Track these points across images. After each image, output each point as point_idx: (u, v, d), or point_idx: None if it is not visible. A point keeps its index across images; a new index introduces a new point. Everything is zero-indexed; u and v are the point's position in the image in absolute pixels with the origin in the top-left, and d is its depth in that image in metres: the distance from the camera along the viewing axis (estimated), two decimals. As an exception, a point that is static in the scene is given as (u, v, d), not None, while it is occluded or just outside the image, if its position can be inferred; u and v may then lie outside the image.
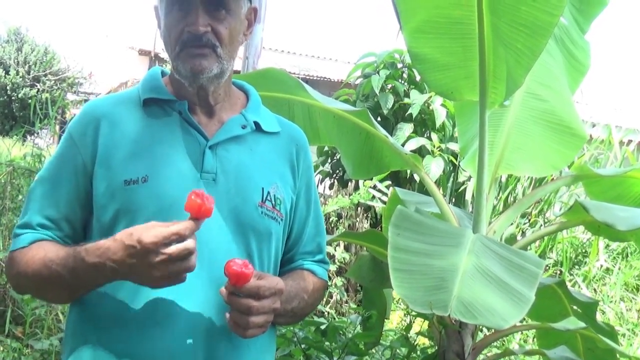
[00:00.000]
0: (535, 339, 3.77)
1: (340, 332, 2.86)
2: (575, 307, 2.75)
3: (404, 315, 4.72)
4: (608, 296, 5.65)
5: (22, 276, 1.57)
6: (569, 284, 5.60)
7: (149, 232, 1.37)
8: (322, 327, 2.74)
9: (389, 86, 5.94)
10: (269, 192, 1.64)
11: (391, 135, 5.57)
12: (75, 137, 1.63)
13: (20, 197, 4.71)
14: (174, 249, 1.35)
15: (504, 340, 4.78)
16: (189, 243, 1.36)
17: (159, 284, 1.40)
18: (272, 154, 1.72)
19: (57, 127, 8.36)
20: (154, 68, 1.77)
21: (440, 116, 5.59)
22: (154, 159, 1.58)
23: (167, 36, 1.61)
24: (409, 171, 5.24)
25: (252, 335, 1.50)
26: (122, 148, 1.59)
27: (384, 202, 5.04)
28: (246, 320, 1.46)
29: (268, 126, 1.73)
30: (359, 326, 3.03)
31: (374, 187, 5.35)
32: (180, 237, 1.36)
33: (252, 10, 1.70)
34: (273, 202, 1.65)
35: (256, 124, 1.70)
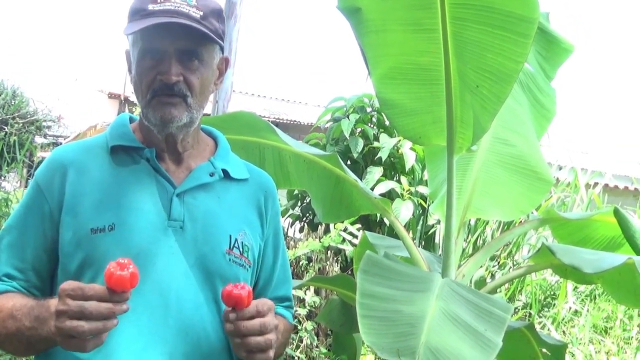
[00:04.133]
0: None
1: (310, 377, 2.84)
2: (544, 350, 2.76)
3: (376, 358, 4.69)
4: (577, 338, 5.67)
5: None
6: (538, 327, 5.64)
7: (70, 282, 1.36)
8: (292, 373, 2.71)
9: (359, 130, 5.97)
10: (236, 239, 1.64)
11: (361, 179, 5.61)
12: (42, 184, 1.62)
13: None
14: (71, 301, 1.32)
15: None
16: (89, 304, 1.32)
17: (60, 340, 1.36)
18: (240, 201, 1.71)
19: (25, 171, 8.28)
20: (122, 115, 1.76)
21: (410, 160, 5.62)
22: (121, 207, 1.56)
23: (138, 83, 1.60)
24: (379, 214, 5.25)
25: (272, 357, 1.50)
26: (89, 196, 1.58)
27: (355, 245, 5.04)
28: (267, 340, 1.46)
29: (236, 173, 1.73)
30: (329, 371, 3.01)
31: (345, 230, 5.34)
32: (82, 294, 1.32)
33: (224, 61, 1.71)
34: (241, 249, 1.64)
35: (224, 171, 1.70)
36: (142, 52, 1.59)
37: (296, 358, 4.80)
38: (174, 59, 1.56)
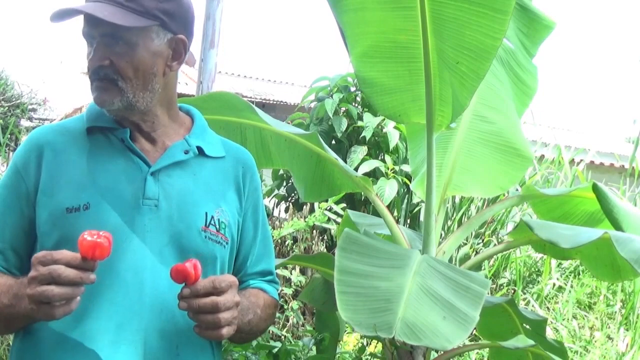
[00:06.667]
0: (489, 358, 3.80)
1: (294, 355, 2.86)
2: (526, 326, 2.79)
3: (360, 337, 4.72)
4: (561, 314, 5.72)
5: None
6: (522, 303, 5.69)
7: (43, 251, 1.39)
8: (275, 350, 2.73)
9: (343, 109, 5.97)
10: (212, 217, 1.65)
11: (345, 158, 5.63)
12: (19, 165, 1.64)
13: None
14: (41, 267, 1.34)
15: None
16: (57, 267, 1.33)
17: (31, 308, 1.38)
18: (217, 177, 1.72)
19: (10, 155, 8.24)
20: None
21: (394, 138, 5.63)
22: (96, 186, 1.58)
23: None
24: (363, 193, 5.28)
25: (228, 335, 1.50)
26: (65, 176, 1.59)
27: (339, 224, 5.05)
28: (216, 318, 1.46)
29: (211, 151, 1.73)
30: (313, 348, 3.03)
31: (329, 210, 5.36)
32: (52, 259, 1.34)
33: (179, 41, 1.67)
34: (217, 227, 1.65)
35: (199, 148, 1.70)
36: (83, 38, 1.62)
37: (283, 337, 4.82)
38: (101, 44, 1.58)
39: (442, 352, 2.49)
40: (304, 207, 5.78)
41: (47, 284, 1.33)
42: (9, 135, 7.93)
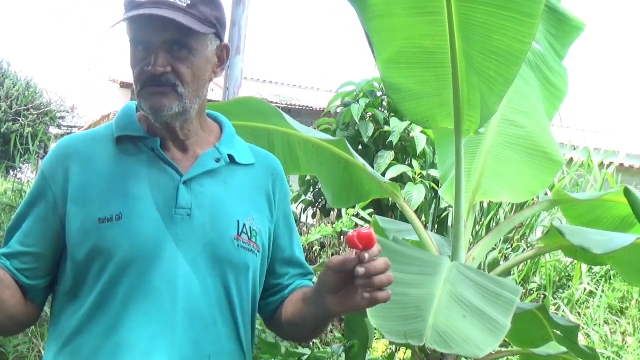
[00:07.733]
0: (519, 365, 3.76)
1: (323, 362, 2.85)
2: (557, 332, 2.76)
3: (390, 343, 4.70)
4: (592, 319, 5.66)
5: None
6: (553, 308, 5.63)
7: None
8: (304, 358, 2.72)
9: (369, 114, 5.97)
10: (244, 225, 1.64)
11: (372, 163, 5.61)
12: (46, 173, 1.64)
13: (0, 232, 4.68)
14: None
15: (489, 366, 4.76)
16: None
17: None
18: (247, 185, 1.72)
19: (40, 162, 8.33)
20: (128, 104, 1.77)
21: (421, 143, 5.62)
22: (128, 196, 1.57)
23: (133, 74, 1.63)
24: (391, 199, 5.25)
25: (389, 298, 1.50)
26: (96, 186, 1.59)
27: (367, 230, 5.03)
28: (390, 277, 1.44)
29: (242, 158, 1.73)
30: (342, 355, 3.01)
31: (357, 216, 5.35)
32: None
33: (224, 48, 1.70)
34: (249, 235, 1.64)
35: (230, 156, 1.70)
36: (132, 44, 1.60)
37: (311, 343, 4.82)
38: (161, 50, 1.56)
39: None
40: (332, 212, 5.78)
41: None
42: (38, 143, 8.02)
